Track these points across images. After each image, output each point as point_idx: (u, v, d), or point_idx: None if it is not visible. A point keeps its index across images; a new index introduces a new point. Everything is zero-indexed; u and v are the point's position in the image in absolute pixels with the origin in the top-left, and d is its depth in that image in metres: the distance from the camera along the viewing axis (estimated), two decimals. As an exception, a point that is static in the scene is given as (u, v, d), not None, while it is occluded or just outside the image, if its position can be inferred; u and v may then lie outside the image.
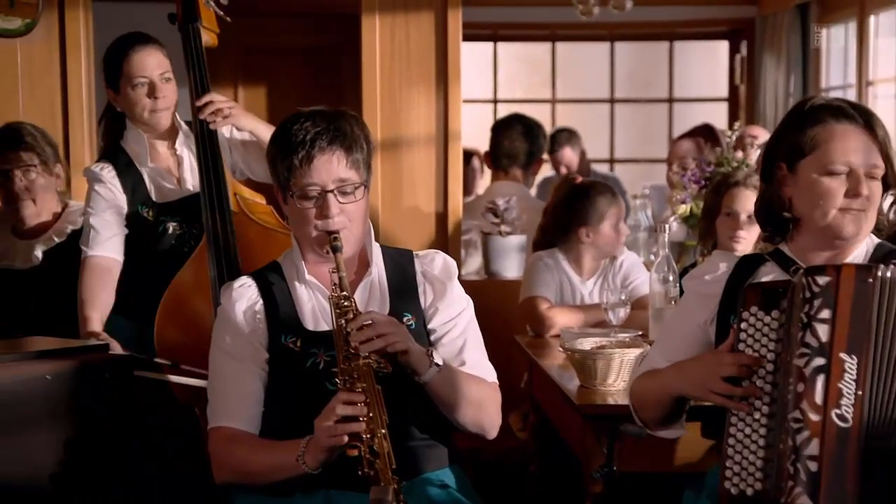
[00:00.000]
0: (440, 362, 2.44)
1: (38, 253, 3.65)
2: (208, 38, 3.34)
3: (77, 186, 3.97)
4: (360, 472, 2.27)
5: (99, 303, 3.24)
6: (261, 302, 2.54)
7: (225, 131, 3.36)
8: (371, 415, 2.28)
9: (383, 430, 2.28)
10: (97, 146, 3.91)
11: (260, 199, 3.28)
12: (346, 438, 2.27)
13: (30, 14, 4.34)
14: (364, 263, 2.59)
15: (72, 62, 4.39)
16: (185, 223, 3.31)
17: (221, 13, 3.39)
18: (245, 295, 2.55)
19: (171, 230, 3.31)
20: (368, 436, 2.27)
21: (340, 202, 2.47)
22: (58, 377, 2.54)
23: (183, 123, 3.41)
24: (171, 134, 3.38)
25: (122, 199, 3.31)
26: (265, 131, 3.32)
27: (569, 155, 6.25)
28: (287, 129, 2.49)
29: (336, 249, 2.43)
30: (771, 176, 2.34)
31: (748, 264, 2.35)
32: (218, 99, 3.28)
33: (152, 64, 3.29)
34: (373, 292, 2.57)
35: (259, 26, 6.14)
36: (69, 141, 4.39)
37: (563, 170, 6.19)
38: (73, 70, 4.39)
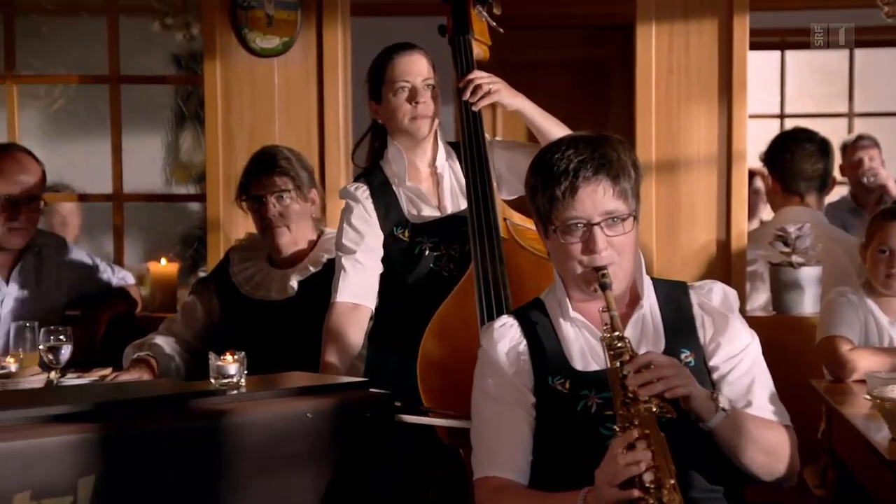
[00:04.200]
0: (727, 406, 2.39)
1: (294, 283, 3.76)
2: (480, 51, 3.39)
3: (332, 212, 4.09)
4: None
5: (340, 348, 3.28)
6: (524, 342, 2.55)
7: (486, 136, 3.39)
8: (657, 464, 2.24)
9: (672, 481, 2.23)
10: (352, 170, 4.02)
11: (530, 224, 3.28)
12: (634, 492, 2.23)
13: (288, 32, 4.50)
14: (634, 297, 2.57)
15: (329, 82, 4.52)
16: (442, 244, 3.35)
17: (494, 24, 3.43)
18: (507, 335, 2.57)
19: (427, 251, 3.36)
20: (654, 486, 2.23)
21: (608, 235, 2.46)
22: (318, 415, 2.61)
23: (446, 144, 3.47)
24: (432, 151, 3.44)
25: (374, 224, 3.38)
26: (534, 112, 3.33)
27: (877, 155, 5.99)
28: (547, 159, 2.50)
29: (605, 287, 2.42)
30: None
31: None
32: (481, 75, 3.32)
33: (415, 69, 3.36)
34: (645, 328, 2.54)
35: (518, 39, 6.20)
36: (325, 165, 4.52)
37: (867, 161, 5.92)
38: (330, 90, 4.52)
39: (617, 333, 2.38)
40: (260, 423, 2.54)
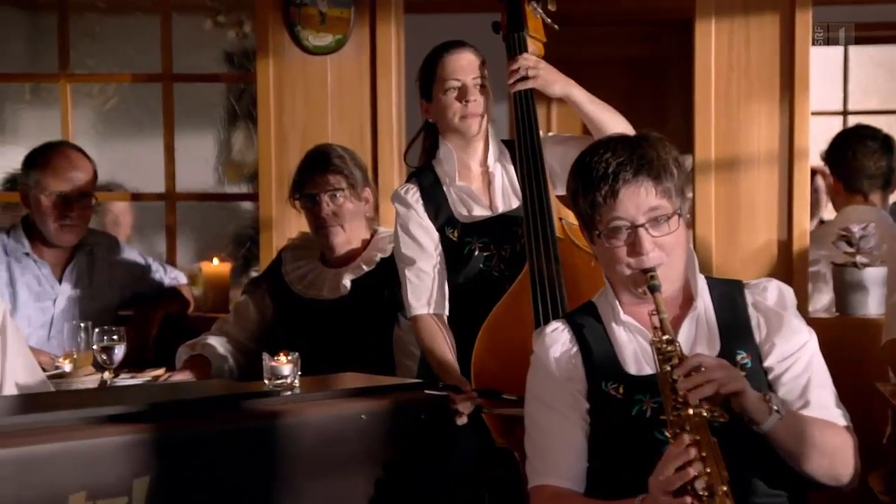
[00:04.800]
0: (780, 409, 2.37)
1: (347, 282, 3.78)
2: (534, 48, 3.38)
3: (385, 211, 4.10)
4: None
5: (447, 358, 3.27)
6: (576, 347, 2.55)
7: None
8: (709, 470, 2.23)
9: (724, 487, 2.21)
10: (406, 169, 4.03)
11: (586, 224, 3.29)
12: (688, 500, 2.22)
13: (341, 30, 4.51)
14: (688, 297, 2.55)
15: (382, 80, 4.53)
16: (492, 244, 3.35)
17: (549, 21, 3.43)
18: (559, 340, 2.57)
19: (477, 252, 3.36)
20: (707, 494, 2.22)
21: (653, 236, 2.45)
22: (373, 416, 2.63)
23: (499, 142, 3.47)
24: (483, 150, 3.44)
25: (429, 227, 3.38)
26: (583, 98, 3.32)
27: None
28: (586, 163, 2.50)
29: (654, 289, 2.41)
30: None
31: None
32: (524, 60, 3.32)
33: (466, 67, 3.36)
34: (700, 329, 2.53)
35: (573, 36, 6.19)
36: (378, 163, 4.53)
37: None
38: (383, 88, 4.54)
39: (666, 337, 2.36)
40: (314, 425, 2.56)
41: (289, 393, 2.64)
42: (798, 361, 2.50)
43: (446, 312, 3.33)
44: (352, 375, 2.99)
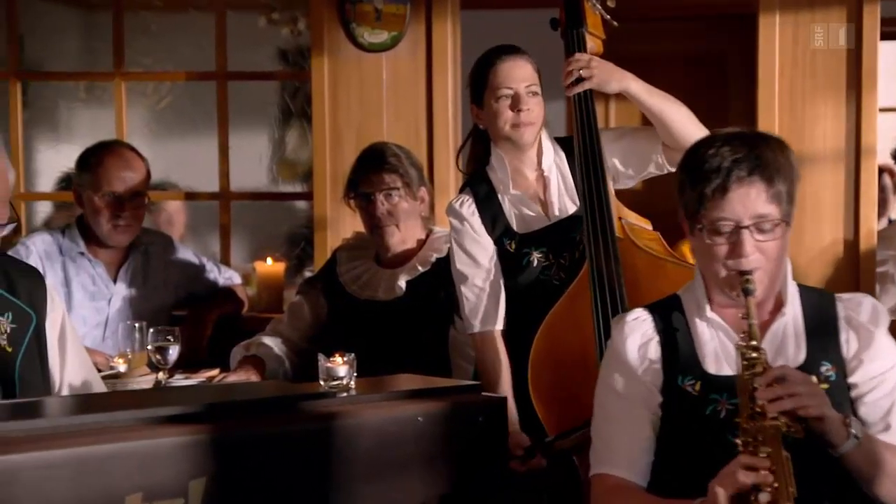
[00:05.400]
0: (859, 433, 2.35)
1: (402, 283, 3.78)
2: (593, 44, 3.38)
3: (442, 211, 4.10)
4: None
5: (503, 379, 3.31)
6: (656, 338, 2.54)
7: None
8: (776, 485, 2.22)
9: None
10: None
11: (646, 224, 3.29)
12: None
13: (397, 26, 4.53)
14: (778, 304, 2.53)
15: (438, 77, 4.54)
16: (551, 253, 3.34)
17: (608, 17, 3.42)
18: (639, 329, 2.56)
19: (535, 262, 3.35)
20: None
21: (757, 240, 2.43)
22: (429, 418, 2.62)
23: (552, 140, 3.46)
24: (537, 154, 3.43)
25: (485, 241, 3.38)
26: (641, 91, 3.30)
27: None
28: (699, 154, 2.47)
29: (748, 293, 2.39)
30: None
31: None
32: (578, 60, 3.30)
33: (519, 75, 3.35)
34: (786, 336, 2.51)
35: (632, 31, 6.15)
36: (433, 162, 4.54)
37: None
38: (439, 86, 4.54)
39: (753, 343, 2.35)
40: (370, 427, 2.56)
41: (345, 394, 2.64)
42: (884, 383, 2.48)
43: (500, 326, 3.33)
44: (408, 377, 2.99)
